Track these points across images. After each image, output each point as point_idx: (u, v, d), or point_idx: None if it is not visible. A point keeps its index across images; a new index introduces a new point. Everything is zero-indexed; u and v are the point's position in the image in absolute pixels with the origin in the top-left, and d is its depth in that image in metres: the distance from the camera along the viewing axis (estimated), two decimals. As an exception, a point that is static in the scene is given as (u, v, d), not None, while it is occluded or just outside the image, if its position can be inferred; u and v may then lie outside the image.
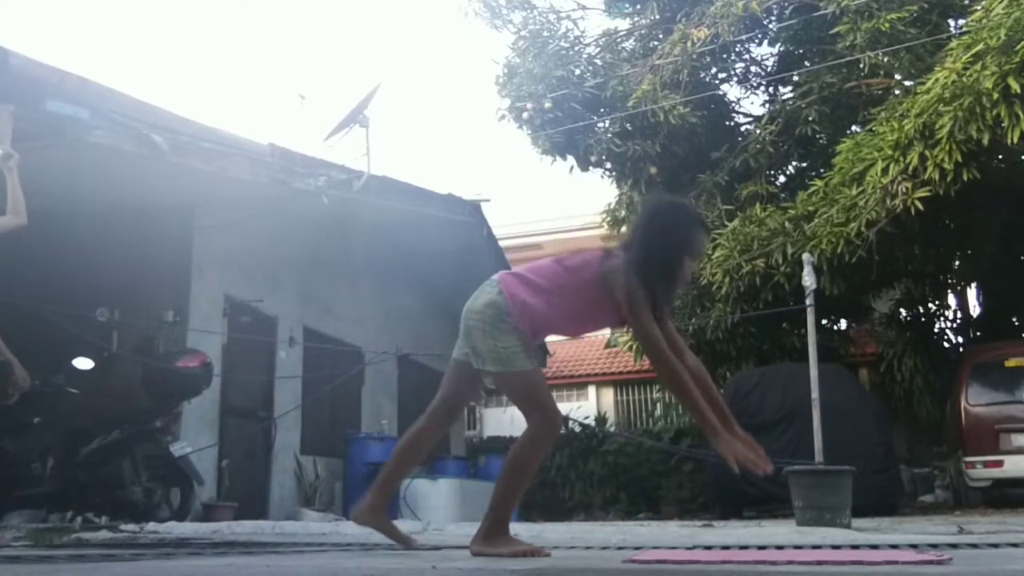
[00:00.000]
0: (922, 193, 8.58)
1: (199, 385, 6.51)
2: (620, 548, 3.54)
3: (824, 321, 11.89)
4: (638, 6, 13.49)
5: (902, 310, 12.91)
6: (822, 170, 10.53)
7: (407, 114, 41.06)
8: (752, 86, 13.81)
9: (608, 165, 12.61)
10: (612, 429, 15.16)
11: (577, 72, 12.46)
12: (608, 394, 17.42)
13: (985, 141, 8.11)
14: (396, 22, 48.31)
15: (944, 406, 11.21)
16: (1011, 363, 9.90)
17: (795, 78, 12.18)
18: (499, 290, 3.09)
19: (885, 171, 8.82)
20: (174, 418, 6.66)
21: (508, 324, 3.03)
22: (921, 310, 12.96)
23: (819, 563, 2.66)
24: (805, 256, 6.83)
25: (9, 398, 4.48)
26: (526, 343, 3.07)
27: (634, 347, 12.92)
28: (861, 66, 10.84)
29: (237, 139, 7.24)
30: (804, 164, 12.81)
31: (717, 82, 13.31)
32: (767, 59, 13.65)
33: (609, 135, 11.89)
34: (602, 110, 12.21)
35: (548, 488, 13.88)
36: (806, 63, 12.15)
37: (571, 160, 12.49)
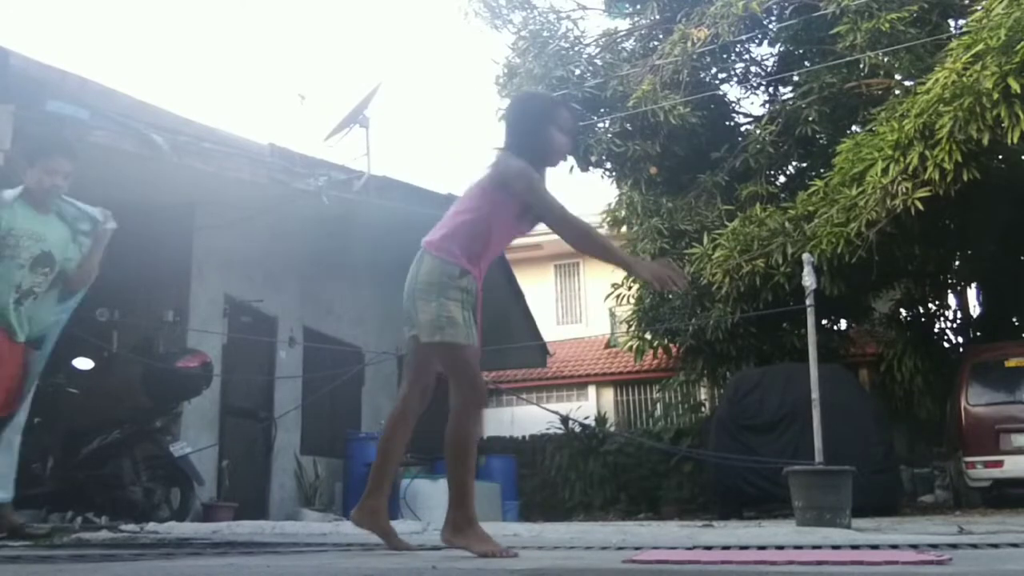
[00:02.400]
0: (922, 193, 8.58)
1: (199, 385, 6.51)
2: (620, 548, 3.54)
3: (824, 321, 11.90)
4: (638, 6, 13.49)
5: (902, 310, 12.91)
6: (822, 170, 10.53)
7: (407, 114, 41.07)
8: (752, 86, 13.82)
9: (608, 165, 12.61)
10: (612, 429, 15.15)
11: (577, 72, 12.46)
12: (608, 394, 17.41)
13: (985, 141, 8.12)
14: (396, 22, 48.33)
15: (944, 406, 11.21)
16: (1011, 363, 9.90)
17: (795, 78, 12.19)
18: (425, 253, 3.16)
19: (885, 171, 8.82)
20: (174, 418, 6.66)
21: (454, 287, 3.08)
22: (921, 310, 12.96)
23: (819, 563, 2.66)
24: (805, 256, 6.83)
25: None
26: (467, 312, 3.10)
27: (634, 347, 12.96)
28: (861, 66, 10.85)
29: (237, 139, 7.23)
30: (804, 164, 12.82)
31: (717, 82, 13.31)
32: (767, 59, 13.68)
33: (609, 135, 11.89)
34: (602, 110, 12.21)
35: (548, 488, 13.88)
36: (806, 63, 12.15)
37: (571, 160, 12.49)
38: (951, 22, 11.06)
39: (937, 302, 13.05)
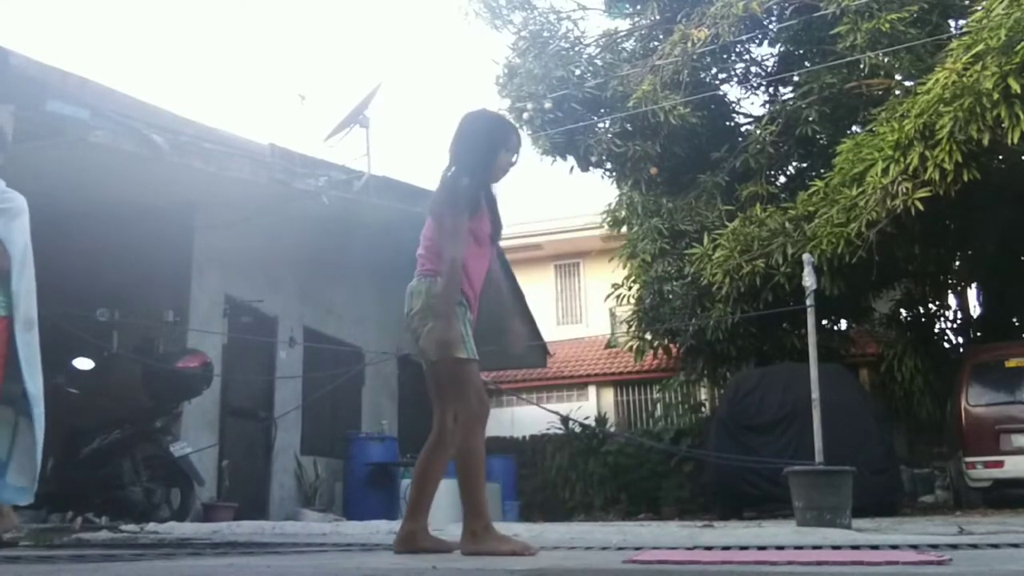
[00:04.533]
0: (922, 193, 8.58)
1: (199, 385, 6.51)
2: (620, 548, 3.54)
3: (824, 321, 11.89)
4: (638, 6, 13.49)
5: (902, 310, 12.90)
6: (822, 170, 10.52)
7: (407, 114, 41.08)
8: (752, 86, 13.81)
9: (608, 165, 12.61)
10: (612, 429, 15.15)
11: (577, 72, 12.45)
12: (608, 394, 17.40)
13: (985, 141, 8.11)
14: (396, 22, 48.33)
15: (944, 406, 11.20)
16: (1011, 363, 9.88)
17: (795, 78, 12.17)
18: (426, 279, 3.21)
19: (885, 171, 8.81)
20: (174, 418, 6.66)
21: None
22: (921, 310, 12.95)
23: (819, 563, 2.66)
24: (805, 256, 6.82)
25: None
26: (466, 329, 3.14)
27: (634, 348, 12.96)
28: (861, 66, 10.84)
29: (237, 139, 7.23)
30: (804, 164, 12.81)
31: (717, 82, 13.30)
32: (767, 59, 13.66)
33: (609, 135, 11.88)
34: (602, 110, 12.20)
35: (548, 488, 13.88)
36: (806, 63, 12.14)
37: (571, 160, 12.49)
38: (951, 22, 11.05)
39: (937, 302, 13.04)
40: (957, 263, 12.40)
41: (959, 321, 13.07)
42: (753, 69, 13.71)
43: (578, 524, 8.16)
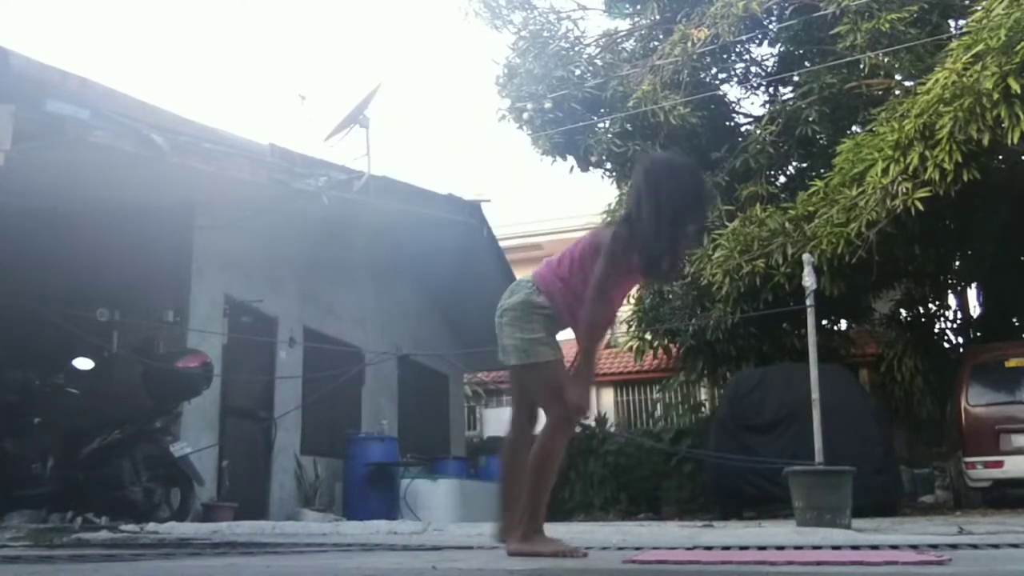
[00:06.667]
0: (922, 193, 8.58)
1: (199, 385, 6.51)
2: (620, 548, 3.54)
3: (824, 321, 11.89)
4: (638, 6, 13.50)
5: (902, 310, 12.91)
6: (822, 170, 10.53)
7: (407, 114, 41.08)
8: (752, 86, 13.82)
9: (608, 165, 12.62)
10: (612, 429, 15.15)
11: (577, 72, 12.46)
12: (608, 394, 17.40)
13: (985, 141, 8.12)
14: (396, 22, 48.35)
15: (944, 406, 11.21)
16: (1011, 363, 9.90)
17: (795, 78, 12.18)
18: (532, 285, 3.16)
19: (885, 171, 8.82)
20: (174, 418, 6.65)
21: (538, 314, 3.11)
22: (921, 310, 12.96)
23: (819, 563, 2.66)
24: (805, 256, 6.83)
25: None
26: (552, 334, 3.13)
27: (634, 348, 12.95)
28: (861, 66, 10.85)
29: (237, 139, 7.22)
30: (804, 164, 12.82)
31: (717, 82, 13.31)
32: (767, 59, 13.67)
33: (609, 135, 11.89)
34: (602, 110, 12.21)
35: (548, 488, 13.86)
36: (806, 63, 12.15)
37: (571, 160, 12.50)
38: (951, 22, 11.06)
39: (937, 302, 13.05)
40: (957, 263, 12.40)
41: (959, 321, 13.07)
42: (753, 69, 13.73)
43: (578, 524, 8.16)
